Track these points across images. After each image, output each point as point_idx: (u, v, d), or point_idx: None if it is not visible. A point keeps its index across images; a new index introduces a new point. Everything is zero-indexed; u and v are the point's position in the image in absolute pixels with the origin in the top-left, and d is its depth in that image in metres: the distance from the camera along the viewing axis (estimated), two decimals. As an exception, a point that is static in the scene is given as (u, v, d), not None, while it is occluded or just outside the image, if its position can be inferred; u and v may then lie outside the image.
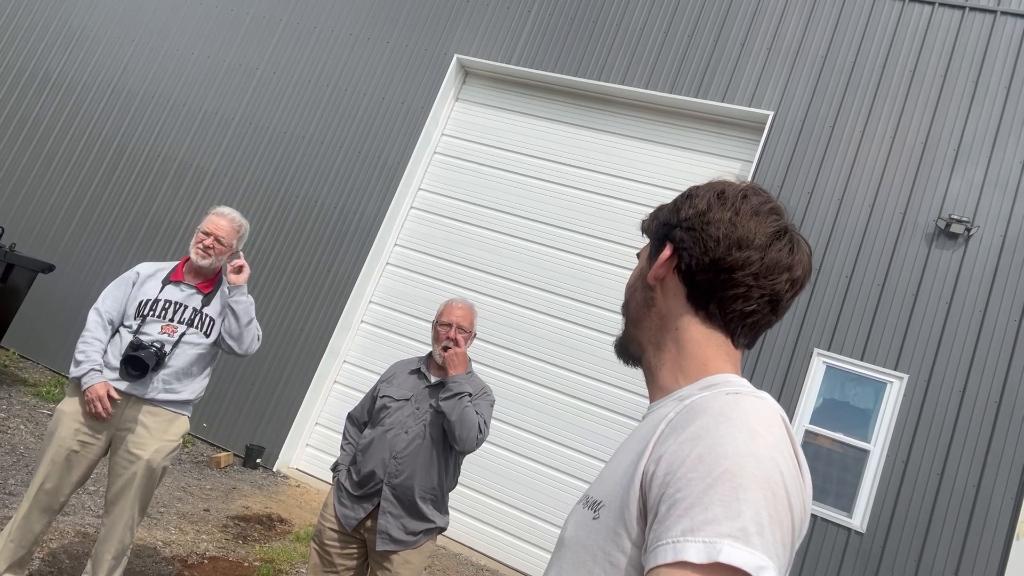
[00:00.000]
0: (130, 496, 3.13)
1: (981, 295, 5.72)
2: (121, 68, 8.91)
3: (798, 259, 1.05)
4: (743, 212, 1.04)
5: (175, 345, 3.18)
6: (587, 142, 7.30)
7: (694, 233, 1.05)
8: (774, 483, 0.81)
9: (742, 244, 1.02)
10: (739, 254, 1.02)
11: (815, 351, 5.97)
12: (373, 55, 8.01)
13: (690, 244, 1.05)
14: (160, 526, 4.78)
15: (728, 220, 1.03)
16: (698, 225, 1.05)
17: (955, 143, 6.09)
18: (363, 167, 7.65)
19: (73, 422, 3.08)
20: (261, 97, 8.25)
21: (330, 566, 3.06)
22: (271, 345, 7.23)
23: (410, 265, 7.52)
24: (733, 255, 1.02)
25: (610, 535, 0.92)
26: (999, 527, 5.24)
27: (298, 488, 6.74)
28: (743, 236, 1.02)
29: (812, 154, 6.42)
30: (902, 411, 5.65)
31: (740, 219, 1.03)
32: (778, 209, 1.06)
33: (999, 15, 6.23)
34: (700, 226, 1.05)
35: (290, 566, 4.84)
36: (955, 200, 5.97)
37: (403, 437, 3.02)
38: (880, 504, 5.51)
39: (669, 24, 7.15)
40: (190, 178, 8.18)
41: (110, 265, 8.06)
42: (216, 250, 3.33)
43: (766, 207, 1.05)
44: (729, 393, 0.93)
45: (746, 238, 1.02)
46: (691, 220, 1.06)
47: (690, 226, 1.06)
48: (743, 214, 1.03)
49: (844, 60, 6.56)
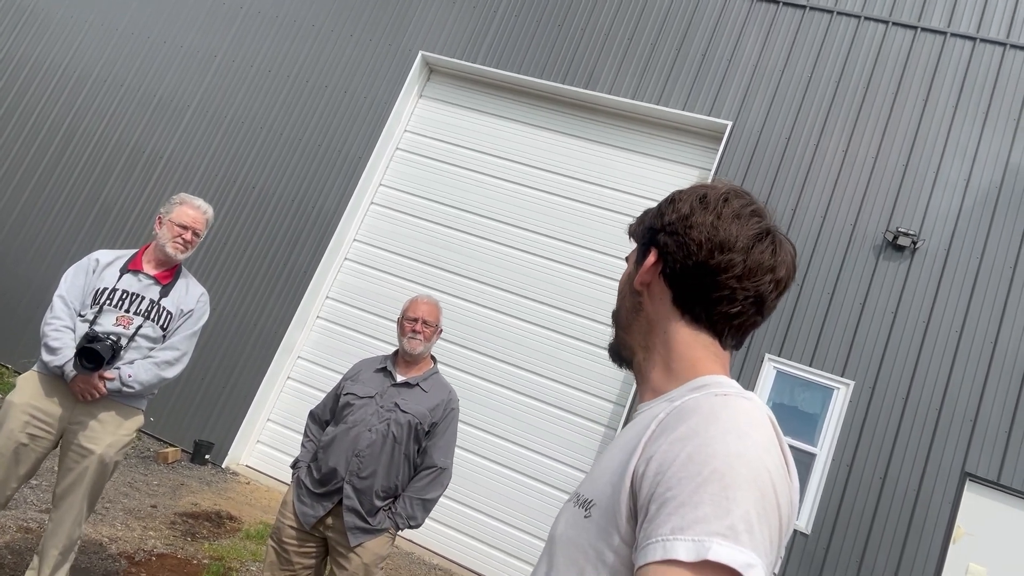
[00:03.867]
0: (80, 491, 3.03)
1: (925, 306, 5.94)
2: (73, 48, 8.61)
3: (781, 260, 1.06)
4: (725, 215, 1.05)
5: (131, 338, 3.09)
6: (549, 144, 7.34)
7: (677, 237, 1.07)
8: (762, 482, 0.83)
9: (724, 247, 1.03)
10: (721, 257, 1.03)
11: (766, 356, 6.12)
12: (337, 47, 7.91)
13: (674, 248, 1.07)
14: (106, 522, 4.64)
15: (710, 223, 1.05)
16: (681, 229, 1.07)
17: (904, 159, 6.31)
18: (323, 160, 7.55)
19: (23, 414, 2.96)
20: (220, 84, 8.07)
21: (287, 564, 3.01)
22: (223, 338, 7.09)
23: (369, 261, 7.45)
24: (716, 258, 1.03)
25: (601, 533, 0.93)
26: (937, 530, 5.45)
27: (248, 485, 6.62)
28: (725, 239, 1.04)
29: (768, 164, 6.58)
30: (848, 416, 5.82)
31: (722, 222, 1.05)
32: (760, 211, 1.08)
33: (948, 36, 6.48)
34: (683, 230, 1.06)
35: (240, 564, 4.75)
36: (903, 213, 6.18)
37: (366, 435, 3.00)
38: (825, 506, 5.68)
39: (633, 31, 7.23)
40: (143, 164, 7.95)
41: (56, 250, 7.79)
42: (193, 243, 3.27)
43: (747, 209, 1.07)
44: (718, 394, 0.95)
45: (728, 241, 1.04)
46: (674, 224, 1.08)
47: (673, 230, 1.08)
48: (725, 217, 1.05)
49: (801, 75, 6.74)
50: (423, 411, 3.09)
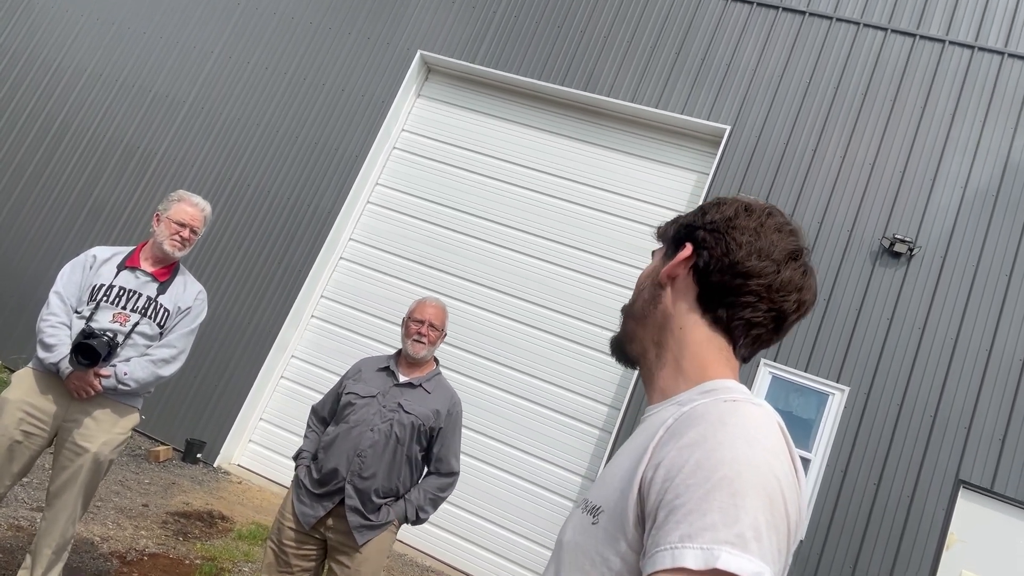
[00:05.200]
0: (74, 489, 3.00)
1: (921, 312, 5.95)
2: (68, 43, 8.56)
3: (808, 284, 1.09)
4: (768, 225, 1.08)
5: (127, 336, 3.06)
6: (548, 145, 7.34)
7: (718, 235, 1.08)
8: (771, 489, 0.83)
9: (762, 254, 1.06)
10: (758, 262, 1.05)
11: (762, 361, 6.12)
12: (334, 45, 7.88)
13: (712, 244, 1.08)
14: (97, 520, 4.60)
15: (753, 229, 1.07)
16: (723, 228, 1.09)
17: (901, 165, 6.32)
18: (319, 159, 7.52)
19: (17, 411, 2.92)
20: (216, 81, 8.04)
21: (285, 566, 2.99)
22: (216, 336, 7.05)
23: (365, 261, 7.43)
24: (752, 262, 1.05)
25: (608, 540, 0.92)
26: (931, 536, 5.45)
27: (240, 485, 6.58)
28: (764, 247, 1.06)
29: (766, 170, 6.58)
30: (842, 422, 5.83)
31: (764, 231, 1.07)
32: (797, 232, 1.11)
33: (947, 44, 6.50)
34: (726, 229, 1.08)
35: (232, 564, 4.72)
36: (899, 220, 6.20)
37: (368, 435, 2.98)
38: (819, 512, 5.68)
39: (633, 34, 7.24)
40: (137, 160, 7.91)
41: (48, 246, 7.74)
42: (191, 241, 3.25)
43: (787, 227, 1.10)
44: (727, 400, 0.95)
45: (767, 249, 1.06)
46: (717, 223, 1.10)
47: (715, 228, 1.09)
48: (768, 227, 1.08)
49: (799, 80, 6.75)
50: (426, 412, 3.08)
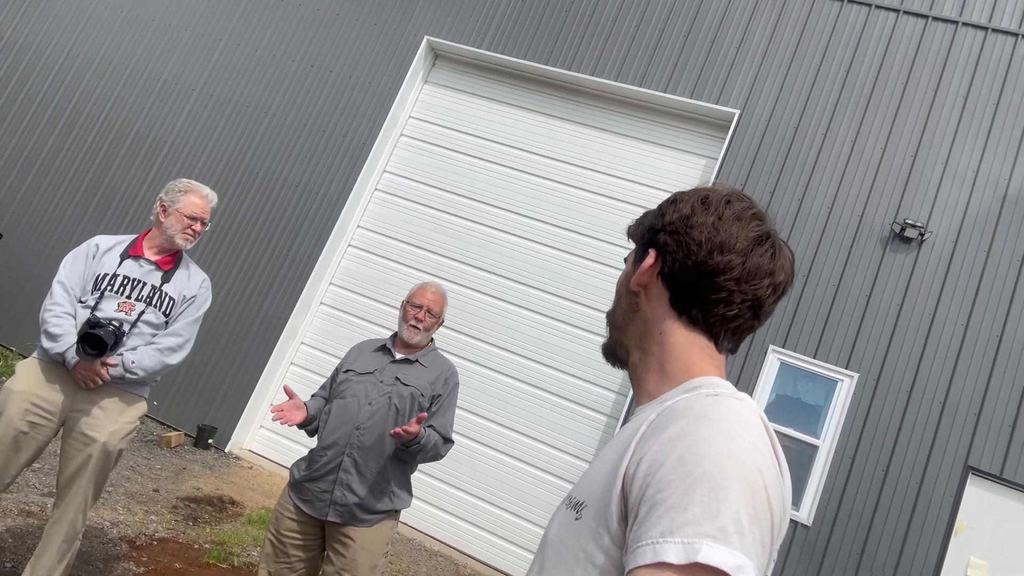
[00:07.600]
0: (84, 480, 3.00)
1: (931, 298, 5.90)
2: (77, 32, 8.59)
3: (780, 264, 1.07)
4: (726, 217, 1.05)
5: (133, 324, 3.08)
6: (556, 131, 7.30)
7: (677, 237, 1.07)
8: (753, 483, 0.83)
9: (724, 248, 1.03)
10: (721, 258, 1.03)
11: (770, 347, 6.09)
12: (342, 32, 7.86)
13: (673, 248, 1.07)
14: (108, 506, 4.67)
15: (711, 224, 1.05)
16: (681, 228, 1.06)
17: (913, 149, 6.25)
18: (328, 146, 7.52)
19: (23, 402, 2.92)
20: (225, 68, 8.04)
21: (283, 556, 3.00)
22: (227, 323, 7.10)
23: (373, 248, 7.44)
24: (715, 259, 1.03)
25: (592, 535, 0.92)
26: (939, 523, 5.44)
27: (251, 470, 6.65)
28: (725, 240, 1.04)
29: (775, 154, 6.52)
30: (851, 408, 5.80)
31: (723, 223, 1.05)
32: (760, 215, 1.08)
33: (960, 26, 6.40)
34: (684, 230, 1.06)
35: (241, 549, 4.78)
36: (910, 205, 6.13)
37: (367, 408, 3.01)
38: (827, 498, 5.67)
39: (641, 17, 7.16)
40: (147, 148, 7.94)
41: (60, 235, 7.81)
42: (200, 233, 3.27)
43: (748, 212, 1.07)
44: (709, 395, 0.95)
45: (728, 242, 1.03)
46: (675, 224, 1.08)
47: (674, 229, 1.07)
48: (726, 219, 1.05)
49: (810, 63, 6.67)
50: (424, 384, 3.11)
